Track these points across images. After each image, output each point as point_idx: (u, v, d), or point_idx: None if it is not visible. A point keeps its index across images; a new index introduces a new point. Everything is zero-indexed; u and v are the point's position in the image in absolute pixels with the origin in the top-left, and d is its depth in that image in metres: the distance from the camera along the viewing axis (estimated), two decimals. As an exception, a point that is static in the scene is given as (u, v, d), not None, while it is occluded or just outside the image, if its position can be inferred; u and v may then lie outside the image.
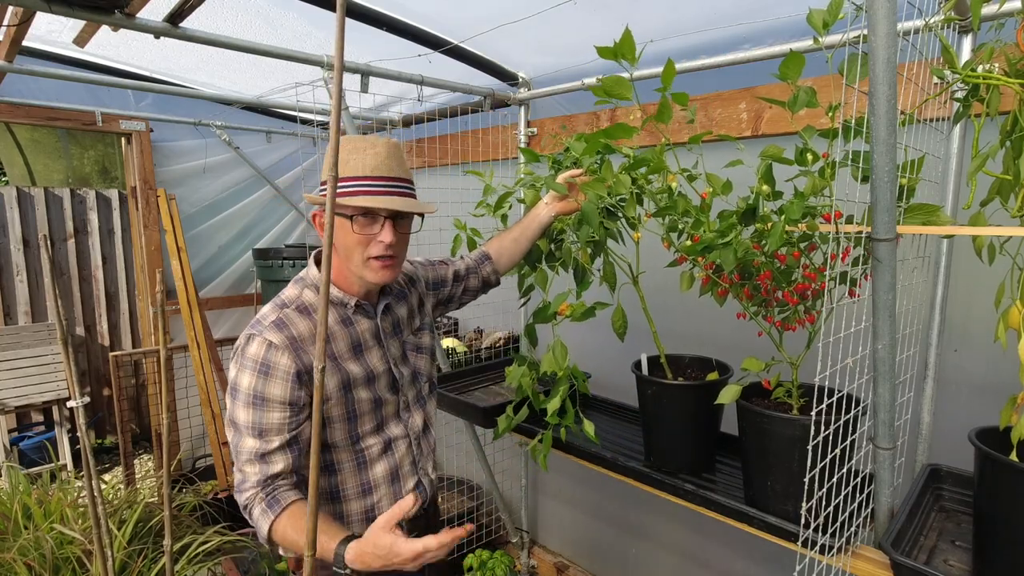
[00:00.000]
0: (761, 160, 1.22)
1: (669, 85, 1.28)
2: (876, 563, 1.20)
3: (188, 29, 1.71)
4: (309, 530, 0.78)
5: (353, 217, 1.20)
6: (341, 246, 1.25)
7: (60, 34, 2.40)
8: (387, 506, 1.31)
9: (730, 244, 1.23)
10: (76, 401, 1.34)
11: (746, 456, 1.40)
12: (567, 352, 1.66)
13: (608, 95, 1.32)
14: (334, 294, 1.30)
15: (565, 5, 1.72)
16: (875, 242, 1.01)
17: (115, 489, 2.69)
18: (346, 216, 1.21)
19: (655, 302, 2.28)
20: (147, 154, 3.33)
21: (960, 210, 1.38)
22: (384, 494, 1.35)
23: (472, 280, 1.67)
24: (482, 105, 2.52)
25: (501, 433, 1.81)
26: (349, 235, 1.22)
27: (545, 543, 2.99)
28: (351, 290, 1.31)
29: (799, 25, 1.62)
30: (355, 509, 1.32)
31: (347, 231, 1.22)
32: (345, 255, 1.25)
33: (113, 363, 3.27)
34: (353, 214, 1.20)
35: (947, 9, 1.11)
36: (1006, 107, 1.16)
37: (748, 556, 2.12)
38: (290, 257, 3.16)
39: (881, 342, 1.06)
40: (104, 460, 4.27)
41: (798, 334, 1.39)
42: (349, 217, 1.21)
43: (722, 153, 1.67)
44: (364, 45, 2.23)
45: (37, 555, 1.99)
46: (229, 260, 3.81)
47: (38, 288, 4.19)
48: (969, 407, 1.55)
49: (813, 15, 1.08)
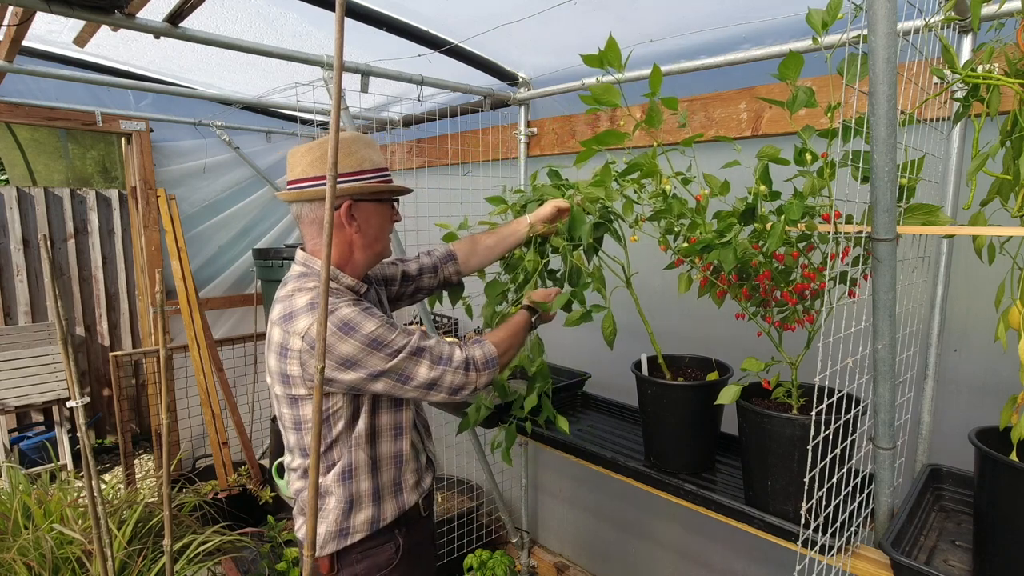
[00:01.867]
0: (759, 160, 1.22)
1: (657, 90, 1.28)
2: (876, 563, 1.20)
3: (188, 29, 1.71)
4: (309, 529, 0.78)
5: (391, 201, 1.39)
6: (375, 231, 1.36)
7: (60, 34, 2.40)
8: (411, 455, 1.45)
9: (729, 244, 1.23)
10: (76, 401, 1.34)
11: (746, 456, 1.40)
12: (543, 349, 1.69)
13: (598, 102, 1.32)
14: (347, 282, 1.36)
15: (565, 5, 1.72)
16: (875, 242, 1.01)
17: (115, 489, 2.69)
18: (386, 201, 1.37)
19: (655, 303, 2.28)
20: (147, 154, 3.33)
21: (960, 210, 1.38)
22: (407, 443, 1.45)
23: (426, 279, 1.70)
24: (482, 105, 2.52)
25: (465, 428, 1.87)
26: (387, 219, 1.38)
27: (545, 543, 2.99)
28: (360, 275, 1.40)
29: (799, 25, 1.61)
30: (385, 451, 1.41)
31: (383, 216, 1.37)
32: (375, 238, 1.37)
33: (113, 363, 3.27)
34: (395, 198, 1.39)
35: (947, 9, 1.11)
36: (1006, 107, 1.16)
37: (748, 556, 2.12)
38: (290, 257, 3.15)
39: (881, 342, 1.06)
40: (104, 460, 4.27)
41: (798, 334, 1.39)
42: (390, 201, 1.38)
43: (721, 154, 1.67)
44: (364, 45, 2.23)
45: (37, 555, 1.99)
46: (229, 260, 3.80)
47: (38, 288, 4.19)
48: (969, 407, 1.55)
49: (812, 15, 1.08)
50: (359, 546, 1.38)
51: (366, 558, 1.39)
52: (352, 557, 1.38)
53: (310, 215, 1.34)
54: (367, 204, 1.33)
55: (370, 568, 1.39)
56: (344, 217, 1.31)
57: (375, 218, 1.34)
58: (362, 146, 1.31)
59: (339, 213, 1.30)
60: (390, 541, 1.42)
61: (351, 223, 1.32)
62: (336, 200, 1.26)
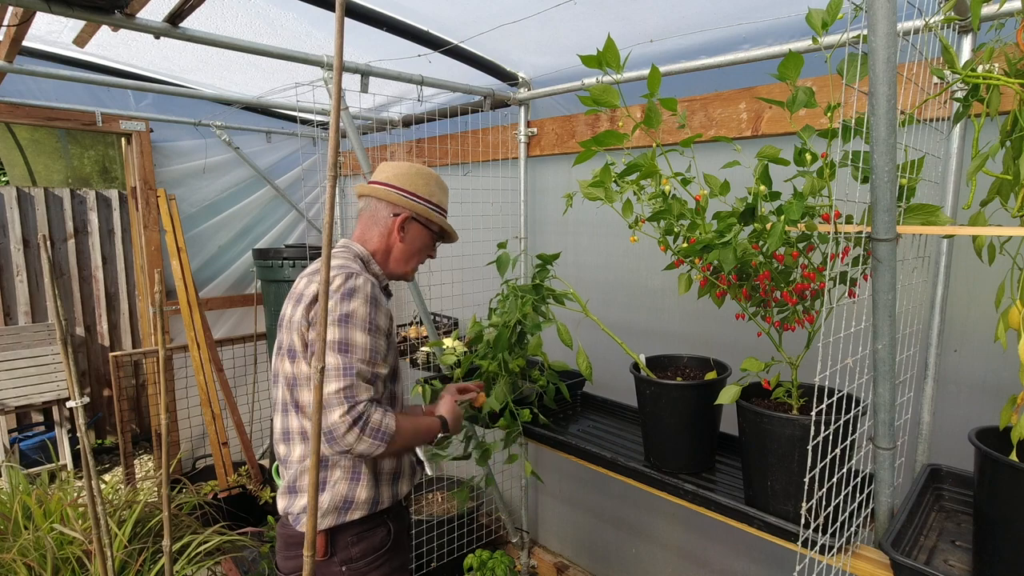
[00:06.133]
0: (758, 160, 1.22)
1: (656, 91, 1.27)
2: (876, 563, 1.20)
3: (188, 29, 1.71)
4: (309, 530, 0.78)
5: (436, 235, 1.59)
6: (410, 248, 1.55)
7: (60, 34, 2.40)
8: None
9: (729, 244, 1.22)
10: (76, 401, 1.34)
11: (746, 456, 1.40)
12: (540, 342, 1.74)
13: (597, 103, 1.32)
14: (375, 271, 1.55)
15: (565, 5, 1.72)
16: (875, 242, 1.00)
17: (115, 489, 2.69)
18: (434, 231, 1.57)
19: (654, 304, 2.29)
20: (147, 154, 3.33)
21: (960, 210, 1.38)
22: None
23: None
24: (482, 105, 2.52)
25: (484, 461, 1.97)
26: (426, 245, 1.58)
27: (545, 543, 2.99)
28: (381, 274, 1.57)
29: (799, 25, 1.61)
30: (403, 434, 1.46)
31: (427, 242, 1.58)
32: (409, 255, 1.56)
33: (113, 363, 3.27)
34: (440, 233, 1.59)
35: (947, 9, 1.11)
36: (1006, 107, 1.16)
37: (748, 556, 2.12)
38: (290, 257, 3.15)
39: (881, 342, 1.06)
40: (104, 460, 4.27)
41: (798, 334, 1.39)
42: (435, 233, 1.58)
43: (721, 154, 1.67)
44: (364, 45, 2.23)
45: (37, 555, 1.99)
46: (229, 260, 3.80)
47: (38, 288, 4.19)
48: (969, 407, 1.55)
49: (812, 15, 1.08)
50: (356, 527, 1.44)
51: (361, 540, 1.44)
52: (348, 539, 1.43)
53: (368, 210, 1.56)
54: (419, 226, 1.55)
55: (365, 550, 1.45)
56: (398, 224, 1.52)
57: (419, 240, 1.56)
58: (436, 184, 1.57)
59: (396, 220, 1.52)
60: (382, 525, 1.48)
61: (400, 233, 1.53)
62: (399, 210, 1.53)
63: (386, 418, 1.34)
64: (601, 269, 2.46)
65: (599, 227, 2.45)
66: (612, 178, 1.43)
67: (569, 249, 2.57)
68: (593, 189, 1.44)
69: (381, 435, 1.33)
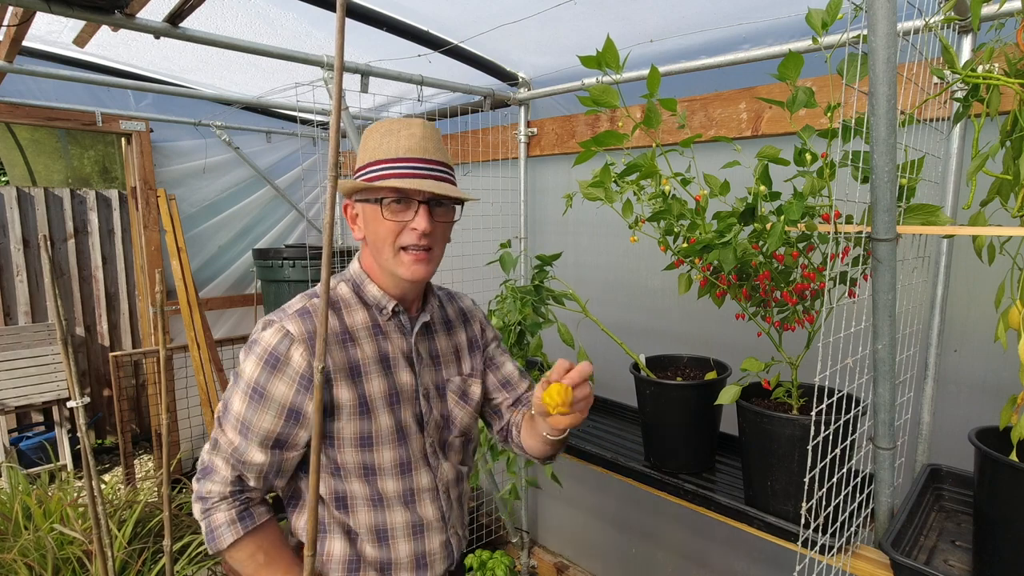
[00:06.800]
0: (758, 160, 1.22)
1: (655, 91, 1.27)
2: (876, 563, 1.20)
3: (188, 29, 1.71)
4: (309, 529, 0.79)
5: (383, 201, 1.07)
6: (372, 237, 1.12)
7: (60, 34, 2.40)
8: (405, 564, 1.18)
9: (729, 244, 1.23)
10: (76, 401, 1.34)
11: (746, 456, 1.40)
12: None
13: (596, 103, 1.32)
14: (372, 292, 1.16)
15: (565, 5, 1.72)
16: (875, 242, 1.01)
17: (115, 489, 2.69)
18: (376, 201, 1.08)
19: (654, 304, 2.29)
20: (147, 154, 3.33)
21: (960, 210, 1.38)
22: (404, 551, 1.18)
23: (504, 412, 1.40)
24: (482, 105, 2.52)
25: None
26: (380, 223, 1.08)
27: (545, 543, 2.99)
28: (389, 290, 1.16)
29: (799, 25, 1.62)
30: (371, 555, 1.15)
31: (378, 218, 1.08)
32: (376, 247, 1.12)
33: (113, 363, 3.27)
34: (384, 197, 1.07)
35: (947, 9, 1.11)
36: (1006, 107, 1.16)
37: (748, 556, 2.12)
38: (290, 257, 3.16)
39: (881, 342, 1.06)
40: (104, 460, 4.27)
41: (798, 334, 1.39)
42: (379, 201, 1.07)
43: (721, 154, 1.67)
44: (364, 45, 2.23)
45: (37, 555, 1.99)
46: (229, 260, 3.81)
47: (38, 288, 4.19)
48: (969, 407, 1.55)
49: (812, 15, 1.08)
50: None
51: None
52: None
53: None
54: (363, 204, 1.12)
55: None
56: (350, 218, 1.16)
57: (370, 221, 1.11)
58: (374, 136, 1.11)
59: (347, 215, 1.17)
60: None
61: (355, 227, 1.16)
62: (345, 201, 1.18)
63: (226, 531, 1.05)
64: (601, 269, 2.46)
65: (599, 227, 2.45)
66: (612, 178, 1.43)
67: (569, 249, 2.57)
68: (593, 189, 1.44)
69: (212, 541, 1.07)
